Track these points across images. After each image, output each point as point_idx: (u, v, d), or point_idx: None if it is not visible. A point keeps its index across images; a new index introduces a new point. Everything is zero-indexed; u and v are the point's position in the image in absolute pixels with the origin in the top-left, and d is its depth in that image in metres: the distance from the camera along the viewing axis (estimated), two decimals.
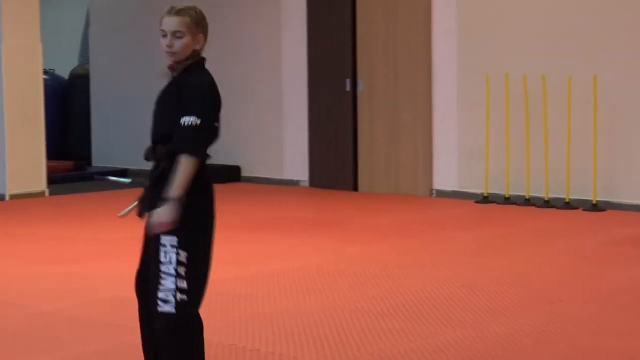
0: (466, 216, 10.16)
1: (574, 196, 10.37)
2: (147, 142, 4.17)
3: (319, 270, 7.28)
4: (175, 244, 3.89)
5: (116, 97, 14.39)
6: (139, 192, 4.14)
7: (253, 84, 12.88)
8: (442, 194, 11.38)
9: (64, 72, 15.45)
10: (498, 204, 10.72)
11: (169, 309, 3.87)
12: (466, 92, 11.18)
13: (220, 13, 13.14)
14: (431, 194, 11.46)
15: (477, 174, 11.05)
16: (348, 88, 12.00)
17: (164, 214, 3.82)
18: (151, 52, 13.90)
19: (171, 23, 3.99)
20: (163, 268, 3.89)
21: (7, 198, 11.45)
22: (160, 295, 3.89)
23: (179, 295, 3.88)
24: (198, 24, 4.03)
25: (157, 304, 3.89)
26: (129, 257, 7.97)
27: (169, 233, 3.87)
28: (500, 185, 10.85)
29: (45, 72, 13.27)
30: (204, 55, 4.10)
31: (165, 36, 4.00)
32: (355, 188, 12.02)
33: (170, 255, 3.89)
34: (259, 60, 12.91)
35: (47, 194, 11.79)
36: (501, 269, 7.30)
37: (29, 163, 11.65)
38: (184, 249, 3.89)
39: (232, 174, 13.01)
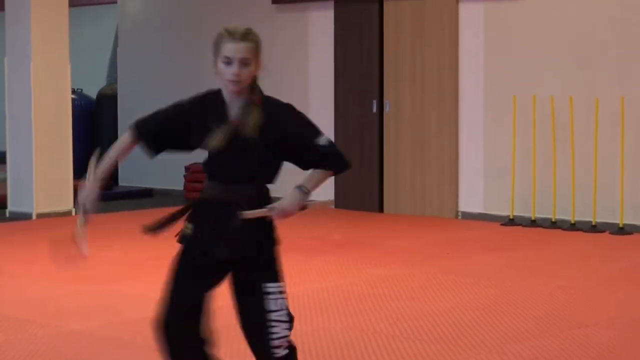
0: (492, 238, 10.15)
1: (601, 219, 10.34)
2: (173, 163, 4.14)
3: (344, 292, 7.29)
4: (283, 289, 3.84)
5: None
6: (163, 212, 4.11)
7: None
8: (467, 216, 11.37)
9: (92, 92, 15.56)
10: (524, 226, 10.70)
11: (283, 352, 3.84)
12: (493, 114, 11.19)
13: None
14: (457, 215, 11.46)
15: (503, 196, 11.04)
16: (374, 109, 12.02)
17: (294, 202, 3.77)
18: (179, 72, 13.98)
19: (239, 49, 3.65)
20: (274, 316, 3.79)
21: (34, 217, 11.53)
22: (275, 343, 3.80)
23: (287, 340, 3.86)
24: (259, 48, 3.76)
25: (272, 353, 3.81)
26: (154, 278, 8.02)
27: (273, 279, 3.80)
28: (526, 207, 10.83)
29: (73, 92, 13.38)
30: None
31: (229, 63, 3.67)
32: (381, 209, 12.02)
33: (280, 302, 3.81)
34: (285, 79, 12.95)
35: (73, 213, 11.86)
36: (527, 292, 7.29)
37: (55, 182, 11.74)
38: (285, 291, 3.87)
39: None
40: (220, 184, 3.82)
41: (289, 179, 4.30)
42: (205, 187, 3.89)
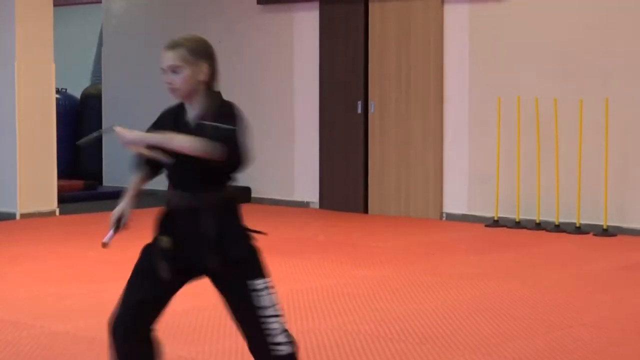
0: (476, 240, 10.18)
1: (585, 220, 10.39)
2: None
3: (328, 293, 7.30)
4: (270, 284, 3.83)
5: (128, 116, 14.41)
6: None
7: (264, 104, 12.93)
8: (452, 217, 11.40)
9: (76, 91, 15.53)
10: (508, 227, 10.73)
11: (287, 349, 3.77)
12: (477, 115, 11.22)
13: (232, 37, 13.20)
14: (441, 217, 11.48)
15: (488, 197, 11.08)
16: (359, 110, 12.04)
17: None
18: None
19: (166, 58, 3.81)
20: (267, 312, 3.78)
21: (18, 217, 11.51)
22: (275, 339, 3.75)
23: (286, 334, 3.80)
24: (197, 53, 3.81)
25: (271, 350, 3.76)
26: None
27: (258, 276, 3.79)
28: (511, 208, 10.86)
29: (58, 91, 13.34)
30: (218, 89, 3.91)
31: (164, 73, 3.85)
32: (366, 210, 12.04)
33: (270, 297, 3.81)
34: (270, 81, 12.97)
35: (57, 213, 11.85)
36: (511, 293, 7.31)
37: (39, 182, 11.71)
38: (272, 286, 3.84)
39: (242, 195, 13.04)
40: (184, 192, 3.85)
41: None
42: (170, 196, 3.92)
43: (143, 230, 3.79)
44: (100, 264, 8.63)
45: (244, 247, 3.85)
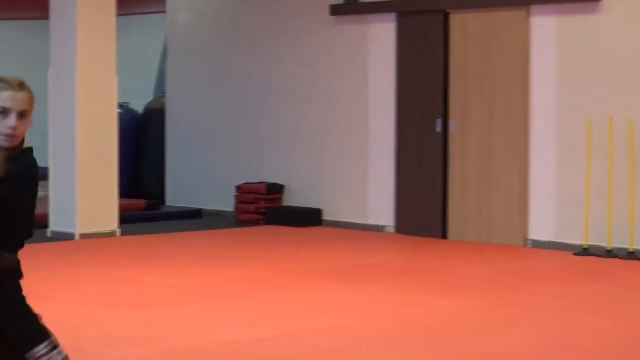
0: (563, 269, 10.09)
1: None
2: (224, 182, 4.11)
3: (402, 324, 7.28)
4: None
5: (193, 132, 14.55)
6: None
7: (338, 121, 12.94)
8: (537, 245, 11.29)
9: (139, 106, 15.68)
10: (598, 256, 10.59)
11: None
12: (566, 135, 11.11)
13: (304, 51, 13.25)
14: (526, 244, 11.38)
15: (577, 223, 10.95)
16: (439, 129, 12.00)
17: None
18: (231, 85, 14.05)
19: (21, 100, 3.52)
20: None
21: (77, 237, 11.61)
22: None
23: None
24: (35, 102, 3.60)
25: None
26: (197, 304, 8.04)
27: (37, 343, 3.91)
28: (602, 236, 10.73)
29: (120, 106, 13.48)
30: None
31: (5, 114, 3.50)
32: (444, 236, 11.98)
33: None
34: (344, 96, 12.97)
35: (118, 233, 11.93)
36: (600, 328, 7.22)
37: (100, 201, 11.81)
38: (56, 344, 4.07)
39: (312, 218, 13.04)
40: None
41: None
42: None
43: (209, 253, 3.81)
44: (157, 288, 8.66)
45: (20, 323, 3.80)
